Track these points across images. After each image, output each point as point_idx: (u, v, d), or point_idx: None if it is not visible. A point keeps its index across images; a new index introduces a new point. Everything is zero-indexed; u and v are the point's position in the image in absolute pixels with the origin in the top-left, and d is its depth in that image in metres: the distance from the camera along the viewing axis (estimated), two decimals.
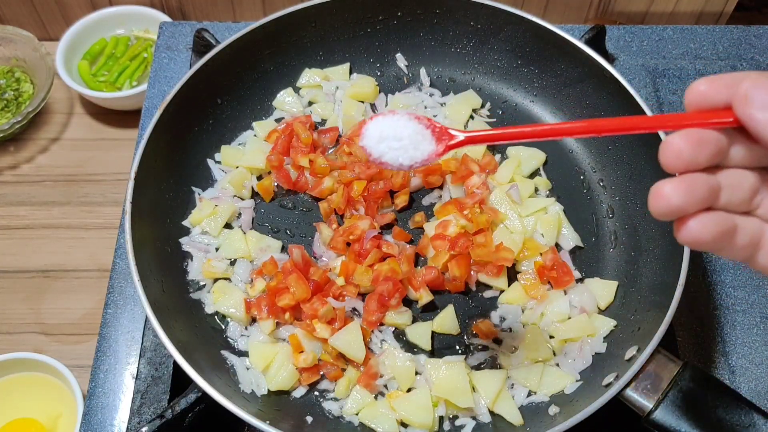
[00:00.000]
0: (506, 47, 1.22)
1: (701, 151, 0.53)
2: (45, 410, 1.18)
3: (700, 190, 0.53)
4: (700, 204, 0.53)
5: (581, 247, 1.10)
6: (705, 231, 0.54)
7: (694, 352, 1.08)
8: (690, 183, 0.53)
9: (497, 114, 1.24)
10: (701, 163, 0.53)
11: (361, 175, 1.10)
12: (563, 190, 1.16)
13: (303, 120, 1.18)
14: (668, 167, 0.54)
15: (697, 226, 0.53)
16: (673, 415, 0.83)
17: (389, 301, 0.99)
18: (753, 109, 0.52)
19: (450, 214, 1.08)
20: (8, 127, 1.45)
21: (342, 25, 1.22)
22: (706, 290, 1.14)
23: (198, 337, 0.99)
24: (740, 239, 0.55)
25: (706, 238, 0.54)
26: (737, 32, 1.42)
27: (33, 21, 1.65)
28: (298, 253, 1.02)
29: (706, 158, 0.53)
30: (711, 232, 0.54)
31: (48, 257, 1.38)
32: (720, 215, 0.54)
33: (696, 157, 0.53)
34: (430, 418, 0.92)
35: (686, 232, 0.54)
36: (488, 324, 1.02)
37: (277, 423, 0.85)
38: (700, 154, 0.53)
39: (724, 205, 0.55)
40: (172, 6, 1.62)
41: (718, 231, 0.54)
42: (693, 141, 0.53)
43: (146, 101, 1.31)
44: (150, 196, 1.04)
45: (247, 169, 1.14)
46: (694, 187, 0.53)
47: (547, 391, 0.96)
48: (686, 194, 0.53)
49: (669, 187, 0.53)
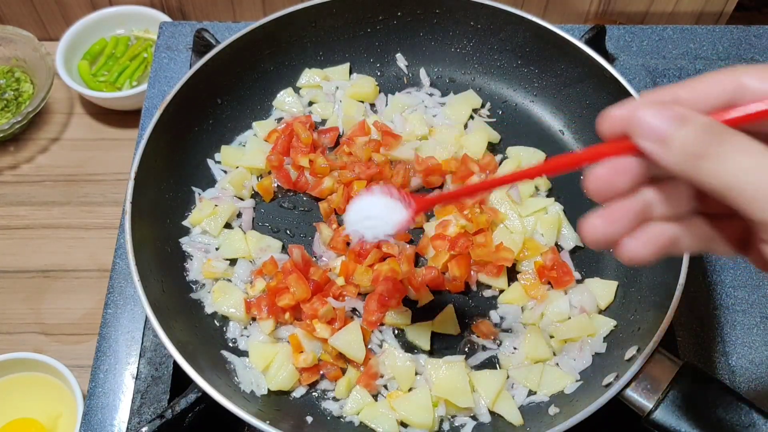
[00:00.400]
0: (506, 47, 1.22)
1: (620, 179, 0.55)
2: (45, 410, 1.18)
3: (625, 216, 0.55)
4: (627, 229, 0.55)
5: (581, 247, 1.10)
6: (641, 248, 0.55)
7: (694, 352, 1.08)
8: (614, 214, 0.55)
9: (497, 114, 1.24)
10: (623, 188, 0.55)
11: (361, 175, 1.10)
12: (563, 190, 1.16)
13: (303, 120, 1.18)
14: (594, 198, 0.56)
15: (632, 244, 0.55)
16: (673, 415, 0.83)
17: (389, 301, 0.99)
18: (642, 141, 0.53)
19: (450, 214, 1.08)
20: (8, 127, 1.45)
21: (342, 25, 1.22)
22: (706, 290, 1.14)
23: (198, 337, 0.99)
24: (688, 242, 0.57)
25: (644, 254, 0.55)
26: (737, 32, 1.42)
27: (33, 21, 1.65)
28: (298, 253, 1.02)
29: (627, 184, 0.55)
30: (647, 248, 0.55)
31: (48, 257, 1.38)
32: (654, 230, 0.56)
33: (615, 185, 0.55)
34: (430, 418, 0.92)
35: (624, 251, 0.56)
36: (488, 324, 1.02)
37: (277, 423, 0.85)
38: (618, 181, 0.55)
39: (661, 215, 0.56)
40: (172, 6, 1.62)
41: (655, 245, 0.55)
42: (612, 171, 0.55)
43: (146, 101, 1.31)
44: (150, 196, 1.04)
45: (247, 169, 1.14)
46: (620, 216, 0.55)
47: (547, 391, 0.96)
48: (612, 224, 0.55)
49: (596, 221, 0.55)
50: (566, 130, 1.21)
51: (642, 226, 0.56)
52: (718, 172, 0.49)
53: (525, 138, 1.20)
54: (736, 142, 0.49)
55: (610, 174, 0.55)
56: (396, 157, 1.14)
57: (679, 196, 0.56)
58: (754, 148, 0.49)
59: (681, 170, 0.51)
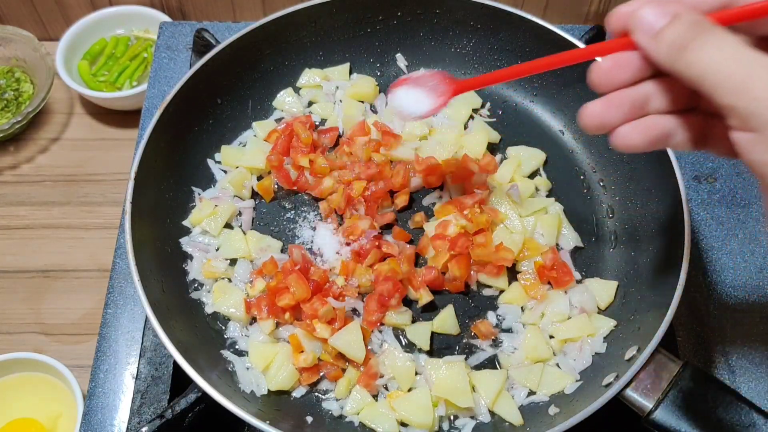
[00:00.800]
0: (506, 47, 1.22)
1: (621, 72, 0.59)
2: (45, 410, 1.18)
3: (623, 105, 0.60)
4: (625, 116, 0.60)
5: (581, 247, 1.10)
6: (635, 135, 0.60)
7: (694, 352, 1.08)
8: (613, 100, 0.60)
9: (497, 114, 1.24)
10: (624, 81, 0.60)
11: (361, 175, 1.10)
12: (563, 190, 1.16)
13: (303, 120, 1.18)
14: (595, 88, 0.60)
15: (627, 129, 0.60)
16: (673, 415, 0.83)
17: (389, 301, 0.99)
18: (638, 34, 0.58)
19: (450, 214, 1.08)
20: (8, 127, 1.45)
21: (342, 25, 1.22)
22: (706, 290, 1.14)
23: (198, 337, 0.99)
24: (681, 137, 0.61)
25: (636, 142, 0.60)
26: None
27: (33, 21, 1.65)
28: (298, 253, 1.02)
29: (628, 77, 0.59)
30: (641, 136, 0.60)
31: (48, 257, 1.38)
32: (650, 120, 0.60)
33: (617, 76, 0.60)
34: (430, 418, 0.92)
35: (617, 137, 0.60)
36: (487, 324, 1.02)
37: (277, 423, 0.85)
38: (620, 74, 0.59)
39: (657, 109, 0.60)
40: (172, 6, 1.62)
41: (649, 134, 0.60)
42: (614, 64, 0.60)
43: (146, 101, 1.31)
44: (150, 196, 1.04)
45: (247, 169, 1.14)
46: (618, 103, 0.60)
47: (546, 391, 0.96)
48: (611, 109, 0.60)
49: (596, 105, 0.60)
50: (566, 130, 1.21)
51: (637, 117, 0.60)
52: (694, 63, 0.54)
53: (525, 138, 1.20)
54: (715, 36, 0.54)
55: (613, 66, 0.59)
56: (396, 157, 1.14)
57: (677, 91, 0.59)
58: (728, 42, 0.53)
59: (666, 61, 0.56)
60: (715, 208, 1.22)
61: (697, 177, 1.26)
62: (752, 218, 1.21)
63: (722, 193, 1.24)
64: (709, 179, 1.25)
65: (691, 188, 1.24)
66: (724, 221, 1.21)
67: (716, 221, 1.21)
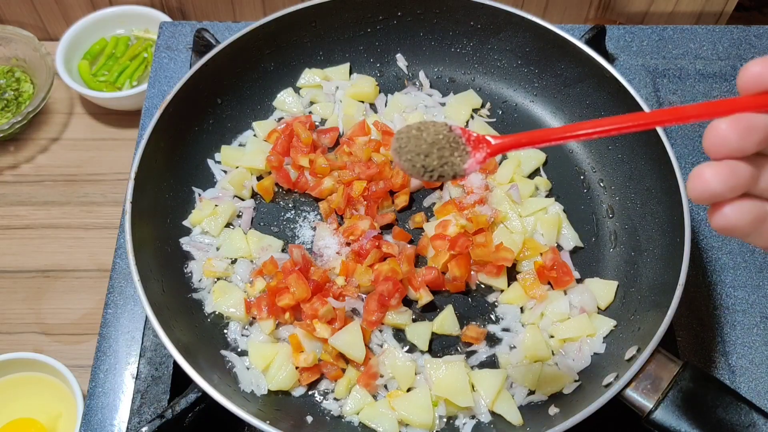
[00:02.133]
0: (506, 47, 1.22)
1: (749, 138, 0.51)
2: (45, 410, 1.18)
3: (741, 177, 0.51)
4: (738, 191, 0.52)
5: (581, 247, 1.10)
6: (741, 218, 0.52)
7: (694, 352, 1.08)
8: (732, 169, 0.51)
9: (497, 114, 1.24)
10: (748, 150, 0.51)
11: (361, 175, 1.10)
12: (563, 190, 1.16)
13: (303, 120, 1.18)
14: (712, 154, 0.51)
15: (733, 212, 0.52)
16: (673, 415, 0.83)
17: (389, 301, 0.99)
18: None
19: (450, 214, 1.08)
20: (8, 127, 1.45)
21: (342, 25, 1.22)
22: (706, 290, 1.14)
23: (198, 337, 0.99)
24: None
25: (741, 225, 0.52)
26: (737, 32, 1.42)
27: (33, 21, 1.65)
28: (298, 253, 1.02)
29: (754, 145, 0.51)
30: (747, 219, 0.52)
31: (48, 257, 1.38)
32: (756, 202, 0.53)
33: (743, 144, 0.51)
34: (430, 417, 0.92)
35: (722, 218, 0.53)
36: (473, 328, 1.01)
37: (277, 423, 0.85)
38: (747, 141, 0.51)
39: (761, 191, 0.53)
40: (172, 6, 1.62)
41: (753, 218, 0.52)
42: (741, 128, 0.51)
43: (146, 101, 1.31)
44: (150, 196, 1.04)
45: (247, 169, 1.14)
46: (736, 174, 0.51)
47: (545, 390, 0.96)
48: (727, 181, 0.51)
49: (710, 171, 0.51)
50: None
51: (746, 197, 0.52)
52: None
53: None
54: None
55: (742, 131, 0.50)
56: None
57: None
58: None
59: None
60: None
61: None
62: None
63: None
64: None
65: None
66: None
67: None
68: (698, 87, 1.34)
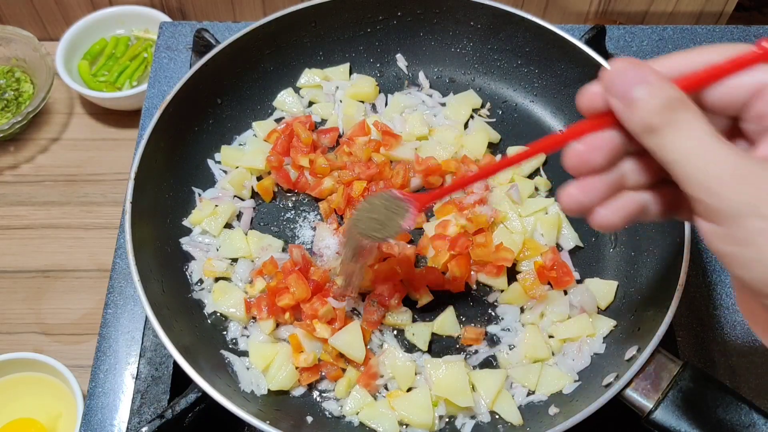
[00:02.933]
0: (506, 47, 1.22)
1: (596, 155, 0.58)
2: (45, 410, 1.18)
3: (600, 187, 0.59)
4: (602, 198, 0.59)
5: (581, 247, 1.10)
6: (612, 216, 0.59)
7: (694, 352, 1.08)
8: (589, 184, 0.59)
9: (497, 114, 1.24)
10: (599, 164, 0.58)
11: (361, 175, 1.10)
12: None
13: (303, 120, 1.18)
14: (572, 173, 0.59)
15: (603, 212, 0.59)
16: (673, 415, 0.83)
17: (389, 301, 0.99)
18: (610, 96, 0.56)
19: (450, 214, 1.08)
20: (8, 127, 1.45)
21: (342, 25, 1.22)
22: (706, 290, 1.14)
23: (198, 337, 0.99)
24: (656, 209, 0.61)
25: (614, 221, 0.59)
26: (737, 32, 1.42)
27: (33, 21, 1.65)
28: (298, 253, 1.02)
29: (602, 160, 0.58)
30: (618, 216, 0.59)
31: (48, 257, 1.38)
32: (626, 199, 0.60)
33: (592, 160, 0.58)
34: (429, 417, 0.92)
35: (597, 218, 0.60)
36: (473, 329, 1.01)
37: (277, 423, 0.85)
38: (595, 157, 0.58)
39: (632, 186, 0.60)
40: (172, 6, 1.62)
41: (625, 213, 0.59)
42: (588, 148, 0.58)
43: (146, 101, 1.31)
44: (150, 196, 1.04)
45: (247, 169, 1.14)
46: (595, 186, 0.59)
47: (545, 390, 0.96)
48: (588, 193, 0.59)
49: (573, 189, 0.59)
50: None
51: (614, 195, 0.60)
52: (665, 147, 0.53)
53: (525, 138, 1.20)
54: (686, 122, 0.53)
55: (587, 150, 0.58)
56: (396, 157, 1.14)
57: (651, 168, 0.59)
58: (699, 131, 0.52)
59: (637, 134, 0.55)
60: None
61: None
62: None
63: None
64: None
65: None
66: None
67: None
68: None
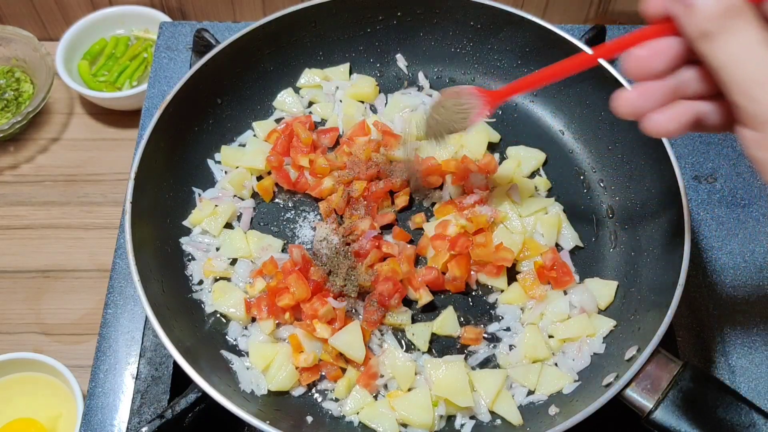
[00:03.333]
0: (506, 47, 1.21)
1: (657, 61, 0.59)
2: (45, 410, 1.18)
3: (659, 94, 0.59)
4: (660, 104, 0.59)
5: (581, 247, 1.10)
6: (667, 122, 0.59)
7: (694, 352, 1.08)
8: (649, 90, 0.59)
9: (497, 114, 1.24)
10: (660, 70, 0.59)
11: (361, 175, 1.10)
12: (563, 190, 1.16)
13: (303, 120, 1.18)
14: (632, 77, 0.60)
15: (659, 117, 0.59)
16: (673, 415, 0.83)
17: (389, 301, 0.99)
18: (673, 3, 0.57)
19: (450, 214, 1.08)
20: (8, 127, 1.45)
21: (342, 25, 1.22)
22: (706, 290, 1.14)
23: (198, 337, 0.99)
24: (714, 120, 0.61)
25: (669, 128, 0.60)
26: None
27: (33, 21, 1.65)
28: (298, 253, 1.02)
29: (663, 66, 0.59)
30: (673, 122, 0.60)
31: (48, 257, 1.38)
32: (683, 107, 0.60)
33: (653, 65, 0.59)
34: (429, 417, 0.92)
35: (651, 124, 0.60)
36: (472, 330, 1.01)
37: (277, 423, 0.85)
38: (656, 63, 0.59)
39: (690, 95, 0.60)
40: (172, 6, 1.62)
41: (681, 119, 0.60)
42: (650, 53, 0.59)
43: (146, 101, 1.31)
44: (150, 196, 1.04)
45: (247, 169, 1.14)
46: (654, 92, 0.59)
47: (545, 390, 0.96)
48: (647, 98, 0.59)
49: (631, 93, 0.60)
50: (566, 130, 1.21)
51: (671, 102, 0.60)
52: (716, 52, 0.54)
53: (525, 138, 1.20)
54: (742, 28, 0.53)
55: (650, 55, 0.58)
56: (396, 157, 1.14)
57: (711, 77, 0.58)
58: (751, 38, 0.53)
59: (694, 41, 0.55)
60: (715, 208, 1.22)
61: (697, 177, 1.26)
62: (752, 218, 1.21)
63: (722, 193, 1.24)
64: (709, 179, 1.25)
65: (691, 188, 1.24)
66: (724, 221, 1.21)
67: (716, 221, 1.21)
68: None
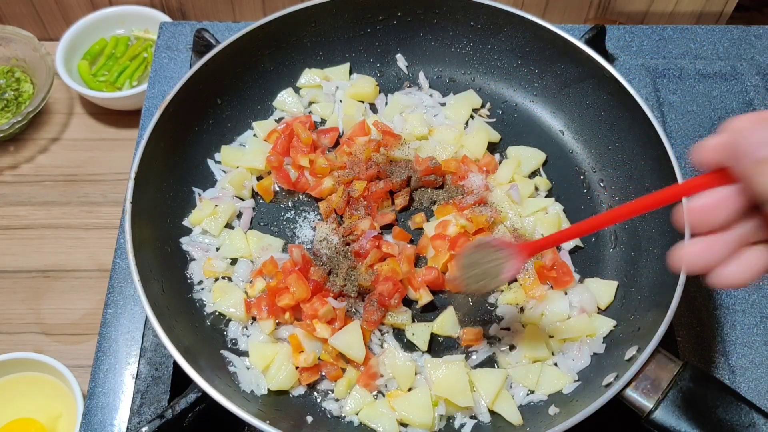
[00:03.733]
0: (506, 47, 1.22)
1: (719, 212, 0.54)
2: (45, 410, 1.18)
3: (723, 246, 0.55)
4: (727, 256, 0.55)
5: (581, 247, 1.10)
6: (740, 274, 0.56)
7: (694, 352, 1.08)
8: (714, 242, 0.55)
9: (497, 114, 1.24)
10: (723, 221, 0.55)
11: (361, 175, 1.10)
12: (563, 190, 1.16)
13: (303, 120, 1.18)
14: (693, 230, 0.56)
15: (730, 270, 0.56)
16: (673, 415, 0.83)
17: (389, 301, 0.99)
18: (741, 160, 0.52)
19: (450, 214, 1.08)
20: (8, 127, 1.45)
21: (342, 25, 1.22)
22: (706, 290, 1.13)
23: (198, 337, 0.99)
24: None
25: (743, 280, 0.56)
26: (737, 32, 1.42)
27: (33, 21, 1.65)
28: (298, 253, 1.02)
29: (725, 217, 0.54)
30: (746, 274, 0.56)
31: (48, 257, 1.38)
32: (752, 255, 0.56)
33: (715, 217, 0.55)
34: (429, 417, 0.92)
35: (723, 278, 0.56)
36: (471, 331, 1.01)
37: (277, 423, 0.85)
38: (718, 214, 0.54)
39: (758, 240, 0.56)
40: (172, 6, 1.62)
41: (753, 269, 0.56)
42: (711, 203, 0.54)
43: (146, 101, 1.31)
44: (150, 196, 1.04)
45: (247, 169, 1.14)
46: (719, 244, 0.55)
47: (544, 390, 0.96)
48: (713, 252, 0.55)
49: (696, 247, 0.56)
50: (566, 130, 1.21)
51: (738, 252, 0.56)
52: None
53: (525, 138, 1.20)
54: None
55: (711, 206, 0.55)
56: (396, 157, 1.14)
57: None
58: None
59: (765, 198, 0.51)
60: None
61: None
62: None
63: None
64: None
65: None
66: None
67: None
68: (698, 87, 1.34)
